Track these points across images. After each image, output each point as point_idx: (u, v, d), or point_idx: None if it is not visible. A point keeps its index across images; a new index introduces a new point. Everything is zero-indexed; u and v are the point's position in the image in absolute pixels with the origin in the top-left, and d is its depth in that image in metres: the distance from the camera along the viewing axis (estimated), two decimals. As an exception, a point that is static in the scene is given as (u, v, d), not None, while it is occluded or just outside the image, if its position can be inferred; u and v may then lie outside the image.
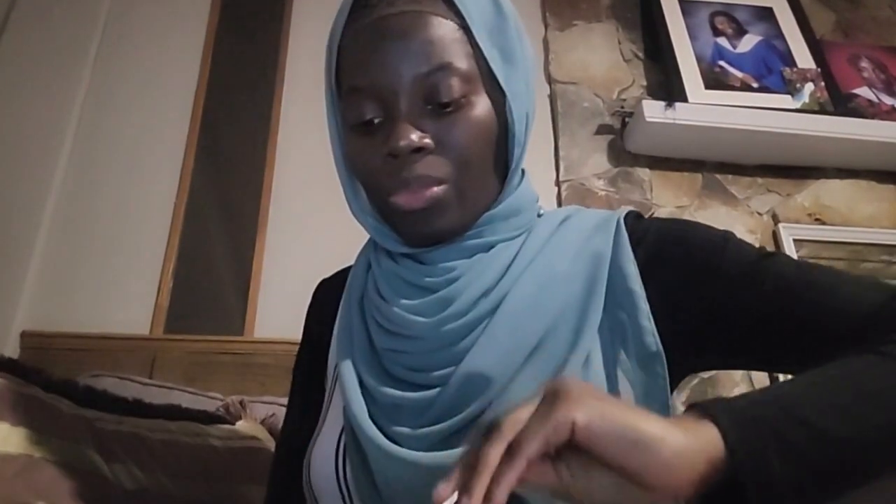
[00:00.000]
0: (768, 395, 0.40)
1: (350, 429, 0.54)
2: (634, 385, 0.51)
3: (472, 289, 0.54)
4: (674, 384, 0.52)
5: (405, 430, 0.51)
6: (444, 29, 0.52)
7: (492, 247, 0.57)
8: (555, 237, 0.58)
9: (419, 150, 0.51)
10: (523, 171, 0.63)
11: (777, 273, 0.51)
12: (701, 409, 0.38)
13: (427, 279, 0.55)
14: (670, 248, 0.55)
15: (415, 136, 0.51)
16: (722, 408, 0.37)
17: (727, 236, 0.55)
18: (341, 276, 0.71)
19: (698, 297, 0.52)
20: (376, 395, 0.54)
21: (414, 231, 0.55)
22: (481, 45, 0.53)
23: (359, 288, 0.62)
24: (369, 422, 0.52)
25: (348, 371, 0.56)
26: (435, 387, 0.52)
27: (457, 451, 0.47)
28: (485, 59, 0.54)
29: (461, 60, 0.52)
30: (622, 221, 0.58)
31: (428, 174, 0.52)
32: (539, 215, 0.62)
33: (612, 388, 0.50)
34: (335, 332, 0.64)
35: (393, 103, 0.52)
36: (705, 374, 1.66)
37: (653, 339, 0.51)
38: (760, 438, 0.36)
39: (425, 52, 0.51)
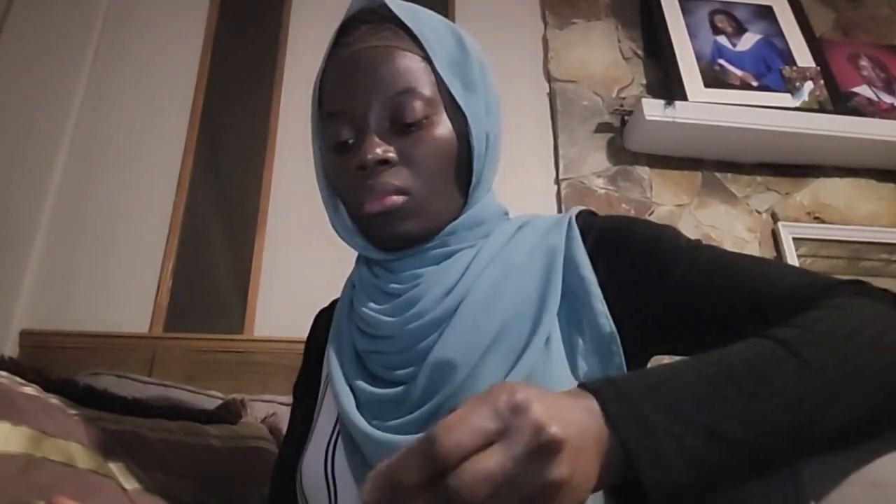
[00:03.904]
0: (668, 393, 0.39)
1: (342, 420, 0.58)
2: (592, 368, 0.54)
3: (435, 289, 0.57)
4: (638, 366, 0.54)
5: (384, 422, 0.54)
6: (409, 60, 0.60)
7: (455, 253, 0.61)
8: (513, 239, 0.62)
9: (385, 162, 0.58)
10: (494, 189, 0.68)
11: (709, 258, 0.54)
12: (600, 403, 0.37)
13: (394, 285, 0.60)
14: (610, 238, 0.59)
15: (380, 150, 0.57)
16: (622, 412, 0.37)
17: (664, 228, 0.59)
18: (336, 304, 0.77)
19: (636, 281, 0.56)
20: (357, 392, 0.58)
21: (380, 234, 0.60)
22: (442, 74, 0.60)
23: (347, 300, 0.67)
24: (356, 412, 0.56)
25: (336, 370, 0.61)
26: (402, 384, 0.56)
27: None
28: (446, 86, 0.60)
29: (424, 87, 0.59)
30: (573, 219, 0.62)
31: (391, 182, 0.57)
32: None
33: (574, 371, 0.54)
34: (328, 341, 0.68)
35: (363, 124, 0.59)
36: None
37: (606, 320, 0.54)
38: (660, 446, 0.36)
39: (392, 78, 0.58)
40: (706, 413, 0.38)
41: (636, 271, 0.56)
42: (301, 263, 1.68)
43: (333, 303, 0.80)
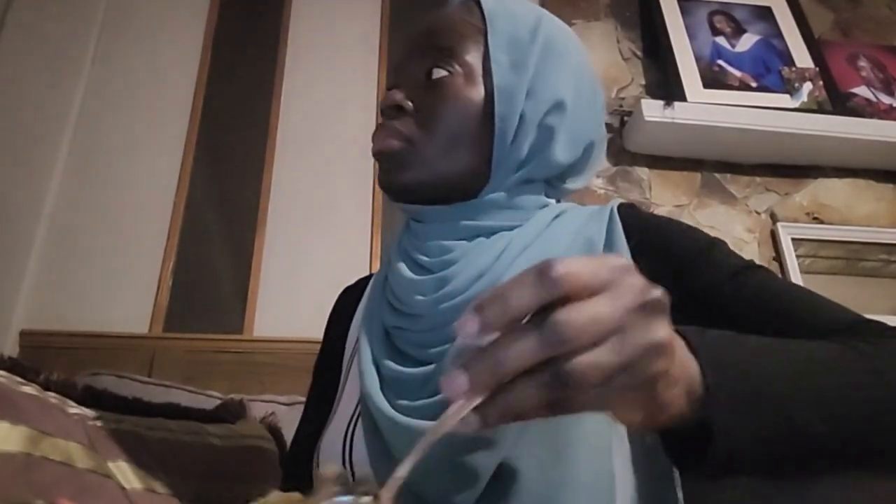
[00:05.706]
0: (756, 370, 0.40)
1: (364, 401, 0.56)
2: None
3: (469, 270, 0.56)
4: None
5: (406, 402, 0.53)
6: (464, 28, 0.60)
7: (493, 233, 0.60)
8: (550, 227, 0.60)
9: (398, 108, 0.59)
10: (553, 186, 0.65)
11: (760, 279, 0.54)
12: (698, 363, 0.36)
13: (422, 257, 0.59)
14: (655, 239, 0.58)
15: (398, 97, 0.60)
16: (715, 379, 0.36)
17: (716, 241, 0.58)
18: (363, 282, 0.77)
19: (681, 287, 0.53)
20: (382, 370, 0.57)
21: (381, 179, 0.61)
22: (491, 47, 0.60)
23: (382, 276, 0.66)
24: (380, 394, 0.54)
25: (364, 348, 0.59)
26: (432, 363, 0.55)
27: None
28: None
29: (468, 52, 0.59)
30: (615, 211, 0.61)
31: (394, 127, 0.59)
32: None
33: None
34: (360, 312, 0.68)
35: (403, 74, 0.62)
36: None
37: None
38: (740, 418, 0.36)
39: (437, 36, 0.60)
40: (790, 401, 0.38)
41: (682, 278, 0.54)
42: (301, 263, 1.69)
43: (359, 281, 0.79)
